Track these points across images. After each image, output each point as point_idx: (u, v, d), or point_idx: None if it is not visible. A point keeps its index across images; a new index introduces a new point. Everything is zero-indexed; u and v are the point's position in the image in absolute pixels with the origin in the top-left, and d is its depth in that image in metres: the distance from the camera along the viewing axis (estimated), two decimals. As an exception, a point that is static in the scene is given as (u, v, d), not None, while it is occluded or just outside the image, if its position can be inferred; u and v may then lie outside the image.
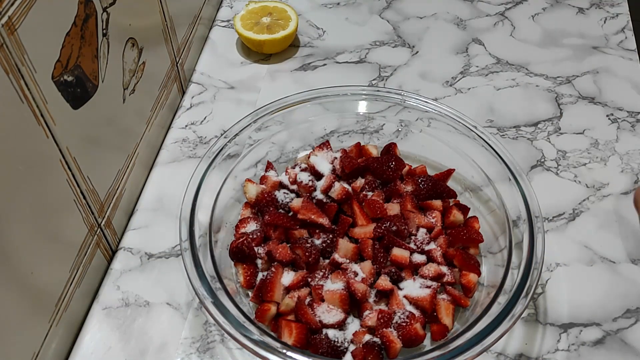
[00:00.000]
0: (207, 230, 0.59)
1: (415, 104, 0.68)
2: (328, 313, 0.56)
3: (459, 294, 0.59)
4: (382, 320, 0.55)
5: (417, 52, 0.89)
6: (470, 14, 0.95)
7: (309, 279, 0.58)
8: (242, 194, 0.66)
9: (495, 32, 0.91)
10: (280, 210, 0.63)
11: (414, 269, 0.60)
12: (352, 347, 0.55)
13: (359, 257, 0.60)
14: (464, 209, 0.65)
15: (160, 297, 0.62)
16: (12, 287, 0.48)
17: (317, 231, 0.61)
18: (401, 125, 0.71)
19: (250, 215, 0.64)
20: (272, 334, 0.54)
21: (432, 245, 0.61)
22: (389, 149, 0.69)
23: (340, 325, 0.56)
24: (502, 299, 0.53)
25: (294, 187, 0.65)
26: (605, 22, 0.92)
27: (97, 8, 0.56)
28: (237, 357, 0.58)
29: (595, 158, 0.75)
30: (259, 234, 0.61)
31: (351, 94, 0.69)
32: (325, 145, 0.68)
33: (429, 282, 0.58)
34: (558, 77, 0.85)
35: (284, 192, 0.65)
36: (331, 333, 0.55)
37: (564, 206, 0.70)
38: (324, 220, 0.60)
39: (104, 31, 0.58)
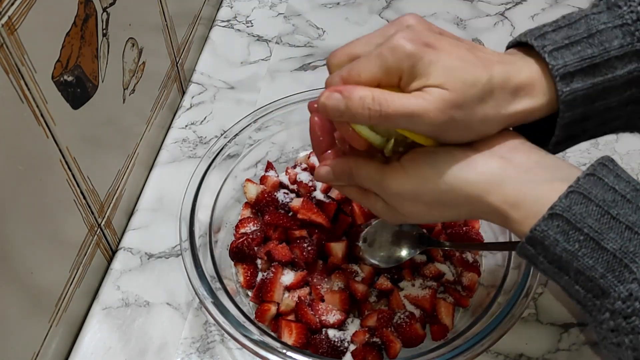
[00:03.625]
0: (207, 230, 0.59)
1: (415, 104, 0.68)
2: (328, 313, 0.56)
3: (459, 294, 0.59)
4: (382, 320, 0.55)
5: (417, 52, 0.89)
6: (470, 14, 0.95)
7: (309, 279, 0.58)
8: (242, 194, 0.66)
9: (495, 32, 0.91)
10: (280, 210, 0.63)
11: (414, 269, 0.60)
12: (352, 347, 0.55)
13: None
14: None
15: (160, 297, 0.62)
16: (12, 287, 0.48)
17: (316, 231, 0.61)
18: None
19: (250, 215, 0.64)
20: (272, 334, 0.54)
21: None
22: (389, 149, 0.69)
23: (340, 325, 0.56)
24: (502, 299, 0.53)
25: (294, 187, 0.65)
26: (605, 22, 0.92)
27: (97, 8, 0.56)
28: (237, 357, 0.58)
29: (595, 158, 0.75)
30: (259, 234, 0.61)
31: (351, 94, 0.69)
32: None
33: (429, 282, 0.58)
34: (558, 77, 0.84)
35: (284, 192, 0.65)
36: (331, 333, 0.55)
37: (564, 206, 0.70)
38: (324, 220, 0.60)
39: (104, 31, 0.58)
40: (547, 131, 0.43)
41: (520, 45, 0.44)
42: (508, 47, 0.46)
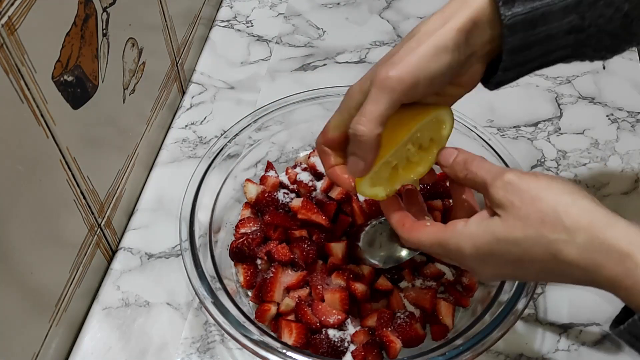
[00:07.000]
0: (207, 230, 0.59)
1: (415, 104, 0.68)
2: (328, 313, 0.56)
3: (459, 293, 0.59)
4: (382, 320, 0.55)
5: (417, 52, 0.89)
6: (470, 14, 0.95)
7: (309, 279, 0.58)
8: (242, 194, 0.66)
9: (495, 32, 0.91)
10: (280, 210, 0.63)
11: (414, 269, 0.60)
12: (352, 347, 0.55)
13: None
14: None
15: (160, 297, 0.62)
16: (12, 287, 0.48)
17: (316, 231, 0.61)
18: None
19: (250, 215, 0.64)
20: (272, 334, 0.54)
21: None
22: (389, 149, 0.68)
23: (340, 325, 0.56)
24: (502, 299, 0.53)
25: (294, 187, 0.65)
26: (605, 22, 0.92)
27: (97, 8, 0.56)
28: (237, 357, 0.58)
29: (595, 158, 0.75)
30: (259, 234, 0.61)
31: (351, 94, 0.69)
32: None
33: (429, 282, 0.58)
34: (558, 77, 0.85)
35: (284, 192, 0.65)
36: (331, 333, 0.55)
37: (564, 206, 0.70)
38: (324, 220, 0.60)
39: (104, 31, 0.58)
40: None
41: None
42: None
